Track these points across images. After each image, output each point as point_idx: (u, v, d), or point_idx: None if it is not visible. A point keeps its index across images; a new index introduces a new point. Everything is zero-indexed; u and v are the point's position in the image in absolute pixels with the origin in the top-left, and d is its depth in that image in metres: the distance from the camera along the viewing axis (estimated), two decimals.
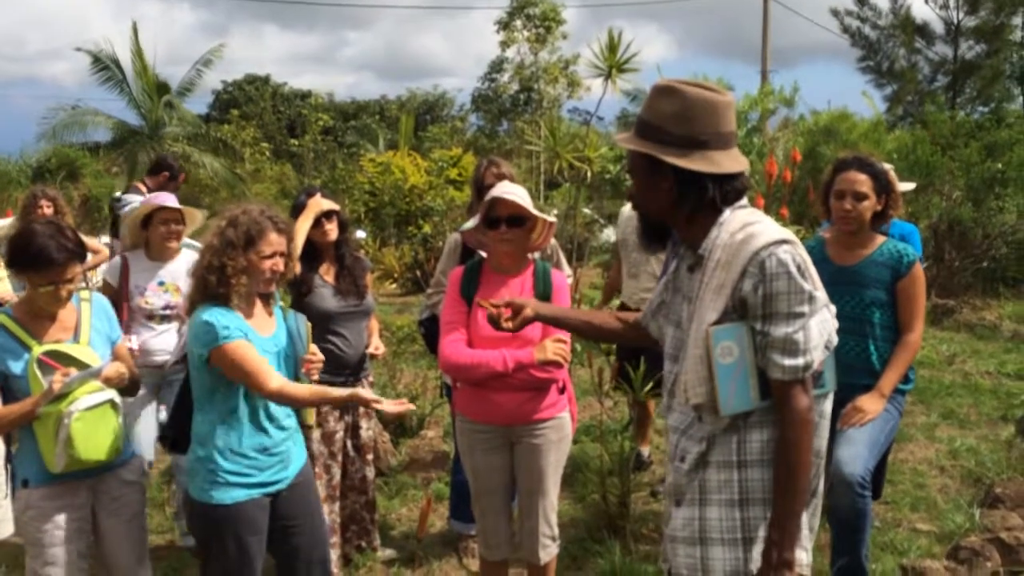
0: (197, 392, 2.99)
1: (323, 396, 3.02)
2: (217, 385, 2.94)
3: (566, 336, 3.34)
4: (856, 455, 3.31)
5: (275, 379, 2.90)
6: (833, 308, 2.25)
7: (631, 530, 4.56)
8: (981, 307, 10.71)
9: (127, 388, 3.18)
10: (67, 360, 2.96)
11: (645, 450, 5.59)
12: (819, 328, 2.13)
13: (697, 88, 2.16)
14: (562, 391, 3.48)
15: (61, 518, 3.00)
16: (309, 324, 3.34)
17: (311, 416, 3.38)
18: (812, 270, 2.12)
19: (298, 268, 4.19)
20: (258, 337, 3.00)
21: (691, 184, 2.13)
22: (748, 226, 2.12)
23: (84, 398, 2.92)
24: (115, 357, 3.20)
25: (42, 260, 2.89)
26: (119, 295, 4.25)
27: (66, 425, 2.87)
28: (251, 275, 2.96)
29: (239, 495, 2.94)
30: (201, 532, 3.03)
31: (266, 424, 3.01)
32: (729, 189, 2.16)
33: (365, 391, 2.86)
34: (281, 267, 3.03)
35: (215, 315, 2.89)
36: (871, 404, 3.45)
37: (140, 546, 3.27)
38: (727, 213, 2.16)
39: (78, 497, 3.06)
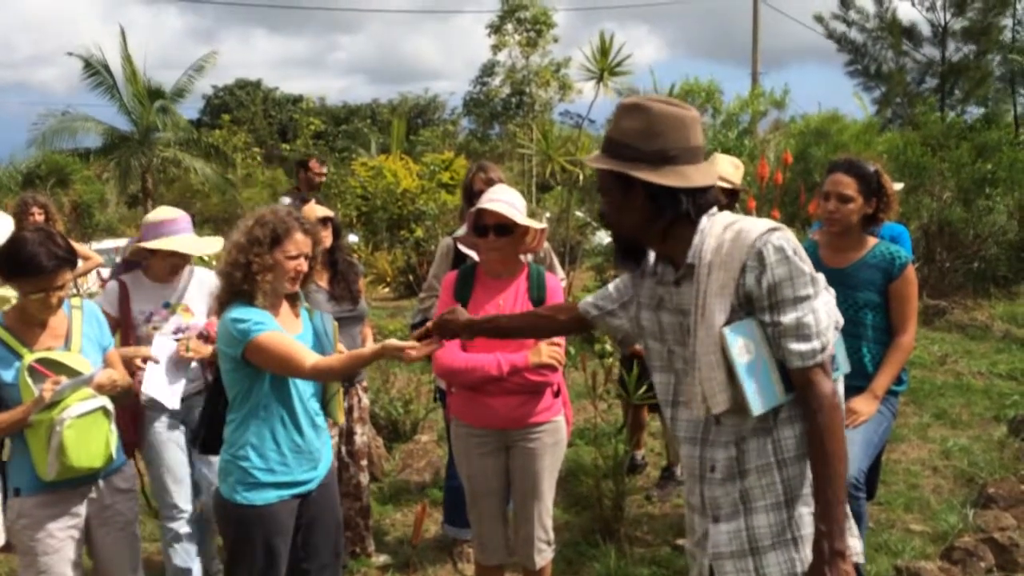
0: (231, 392, 2.98)
1: (355, 360, 2.96)
2: (252, 383, 2.93)
3: (560, 339, 3.35)
4: (851, 456, 3.30)
5: (309, 358, 2.88)
6: (832, 291, 2.24)
7: (626, 533, 4.56)
8: (972, 307, 10.74)
9: (119, 395, 3.17)
10: (58, 368, 2.95)
11: (639, 454, 5.60)
12: (825, 309, 2.13)
13: (663, 104, 2.17)
14: (556, 394, 3.47)
15: (54, 526, 2.99)
16: (335, 323, 3.33)
17: (340, 415, 3.35)
18: (804, 253, 2.13)
19: (325, 274, 4.17)
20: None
21: (664, 199, 2.14)
22: (732, 225, 2.13)
23: (76, 405, 2.90)
24: (107, 364, 3.19)
25: (32, 267, 2.88)
26: (122, 324, 3.79)
27: (58, 432, 2.85)
28: (276, 274, 2.95)
29: (270, 496, 2.93)
30: (230, 532, 3.00)
31: (302, 421, 3.00)
32: (702, 202, 2.17)
33: (394, 341, 2.86)
34: (305, 268, 3.02)
35: (244, 312, 2.89)
36: (864, 406, 3.45)
37: (133, 554, 3.26)
38: (704, 221, 2.17)
39: (71, 505, 3.04)
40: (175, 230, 3.80)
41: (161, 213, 3.90)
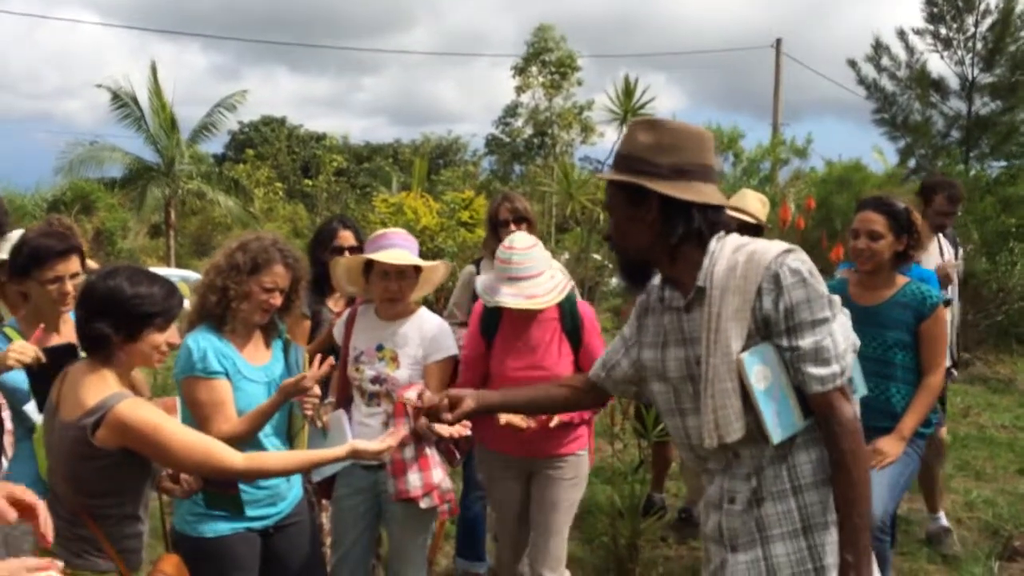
0: (183, 414, 2.90)
1: (258, 416, 2.82)
2: None
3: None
4: (876, 498, 3.20)
5: (224, 424, 2.79)
6: (847, 312, 2.20)
7: (640, 574, 4.46)
8: (995, 361, 10.64)
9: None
10: None
11: (660, 496, 5.46)
12: (842, 332, 2.08)
13: (678, 122, 2.16)
14: (584, 423, 3.45)
15: None
16: (307, 355, 3.19)
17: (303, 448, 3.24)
18: (819, 275, 2.08)
19: (302, 305, 4.04)
20: (247, 366, 2.95)
21: (677, 214, 2.08)
22: (743, 247, 2.08)
23: None
24: None
25: (42, 252, 2.88)
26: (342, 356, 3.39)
27: None
28: (249, 303, 2.91)
29: (222, 528, 2.87)
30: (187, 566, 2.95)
31: None
32: (714, 220, 2.12)
33: (287, 380, 2.83)
34: (277, 303, 2.96)
35: (199, 343, 2.85)
36: (891, 447, 3.37)
37: None
38: (714, 243, 2.11)
39: None
40: (386, 244, 3.29)
41: (379, 231, 3.47)
